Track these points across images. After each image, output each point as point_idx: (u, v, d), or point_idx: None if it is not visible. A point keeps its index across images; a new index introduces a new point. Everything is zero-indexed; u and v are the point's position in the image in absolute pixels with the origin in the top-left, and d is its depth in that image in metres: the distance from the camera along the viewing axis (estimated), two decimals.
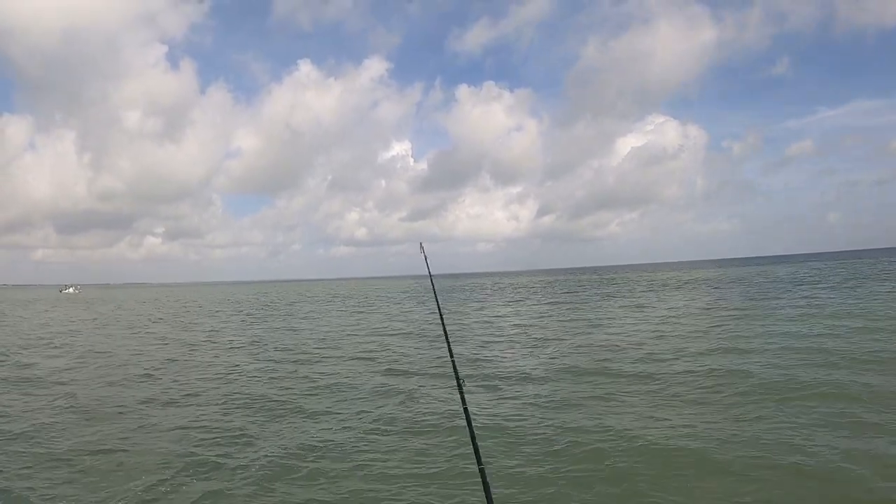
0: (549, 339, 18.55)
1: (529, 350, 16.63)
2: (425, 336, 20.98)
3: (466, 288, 78.46)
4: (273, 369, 14.79)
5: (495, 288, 73.98)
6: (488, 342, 18.53)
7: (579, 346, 16.49)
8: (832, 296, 28.62)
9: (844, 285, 35.61)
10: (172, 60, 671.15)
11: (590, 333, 19.59)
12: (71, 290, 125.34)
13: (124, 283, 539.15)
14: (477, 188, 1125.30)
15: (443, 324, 4.45)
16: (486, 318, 28.20)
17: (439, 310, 4.87)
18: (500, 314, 30.86)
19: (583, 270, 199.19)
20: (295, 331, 25.63)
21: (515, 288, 68.93)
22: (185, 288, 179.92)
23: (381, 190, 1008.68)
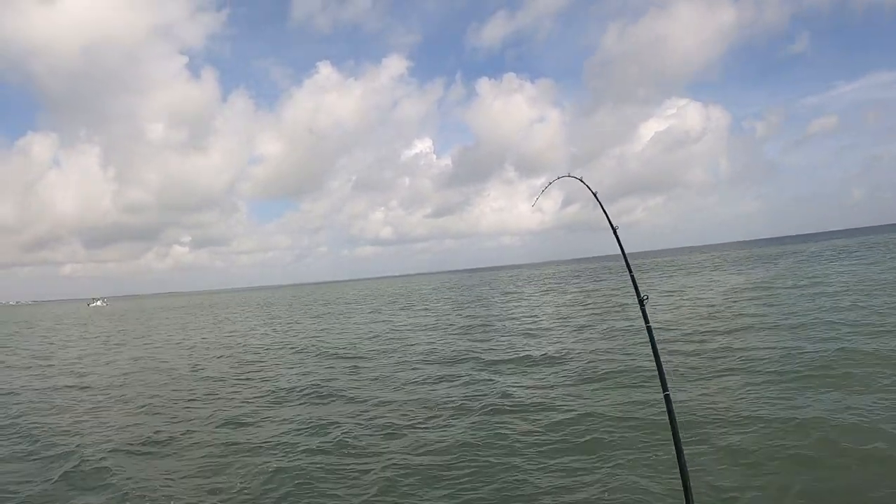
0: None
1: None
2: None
3: (524, 279, 73.98)
4: None
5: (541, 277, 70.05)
6: None
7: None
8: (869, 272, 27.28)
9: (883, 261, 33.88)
10: (193, 70, 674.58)
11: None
12: (99, 303, 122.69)
13: (153, 293, 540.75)
14: (501, 181, 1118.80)
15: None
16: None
17: None
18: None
19: (612, 258, 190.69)
20: None
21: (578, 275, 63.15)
22: (219, 295, 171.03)
23: (405, 188, 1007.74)
